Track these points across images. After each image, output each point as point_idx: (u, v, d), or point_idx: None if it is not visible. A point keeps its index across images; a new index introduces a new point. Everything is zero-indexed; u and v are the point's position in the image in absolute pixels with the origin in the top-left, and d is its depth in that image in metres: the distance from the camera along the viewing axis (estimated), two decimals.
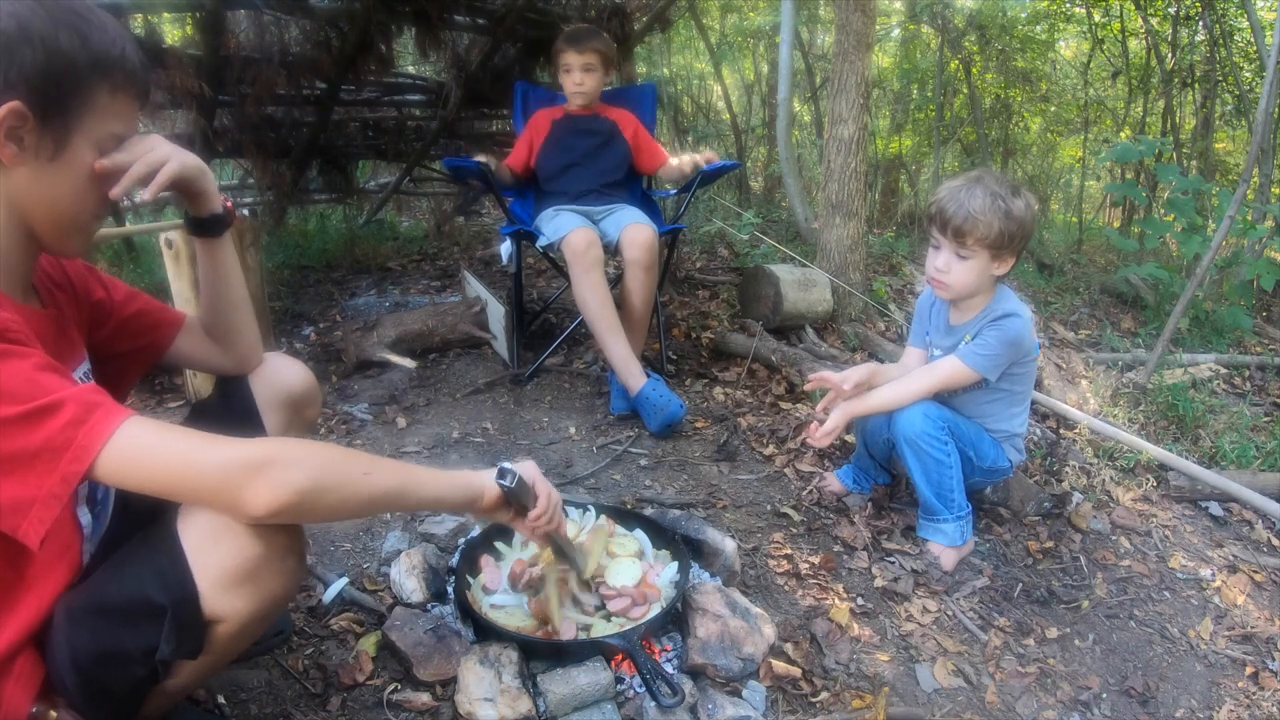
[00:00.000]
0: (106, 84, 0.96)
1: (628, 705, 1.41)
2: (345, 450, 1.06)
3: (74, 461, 0.87)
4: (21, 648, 0.98)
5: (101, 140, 0.99)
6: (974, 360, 1.91)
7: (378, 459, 1.08)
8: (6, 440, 0.85)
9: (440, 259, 4.35)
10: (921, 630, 1.78)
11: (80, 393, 0.89)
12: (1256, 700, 1.73)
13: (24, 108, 0.90)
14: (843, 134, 3.34)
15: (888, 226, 5.80)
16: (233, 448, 0.94)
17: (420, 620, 1.52)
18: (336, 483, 0.99)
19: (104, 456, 0.87)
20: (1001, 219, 1.81)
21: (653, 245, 2.58)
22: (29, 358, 0.88)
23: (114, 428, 0.89)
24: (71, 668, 0.97)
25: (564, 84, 2.99)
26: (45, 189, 0.96)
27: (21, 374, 0.87)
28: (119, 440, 0.88)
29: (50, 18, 0.91)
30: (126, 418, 0.90)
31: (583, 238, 2.54)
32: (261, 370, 1.39)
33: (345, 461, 1.03)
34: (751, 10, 7.03)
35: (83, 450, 0.87)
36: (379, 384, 2.74)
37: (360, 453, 1.07)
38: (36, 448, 0.86)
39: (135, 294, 1.27)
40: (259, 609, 1.03)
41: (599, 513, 1.82)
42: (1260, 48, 4.46)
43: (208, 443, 0.94)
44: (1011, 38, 6.19)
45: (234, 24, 3.26)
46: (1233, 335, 4.05)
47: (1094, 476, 2.45)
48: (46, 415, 0.86)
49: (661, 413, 2.42)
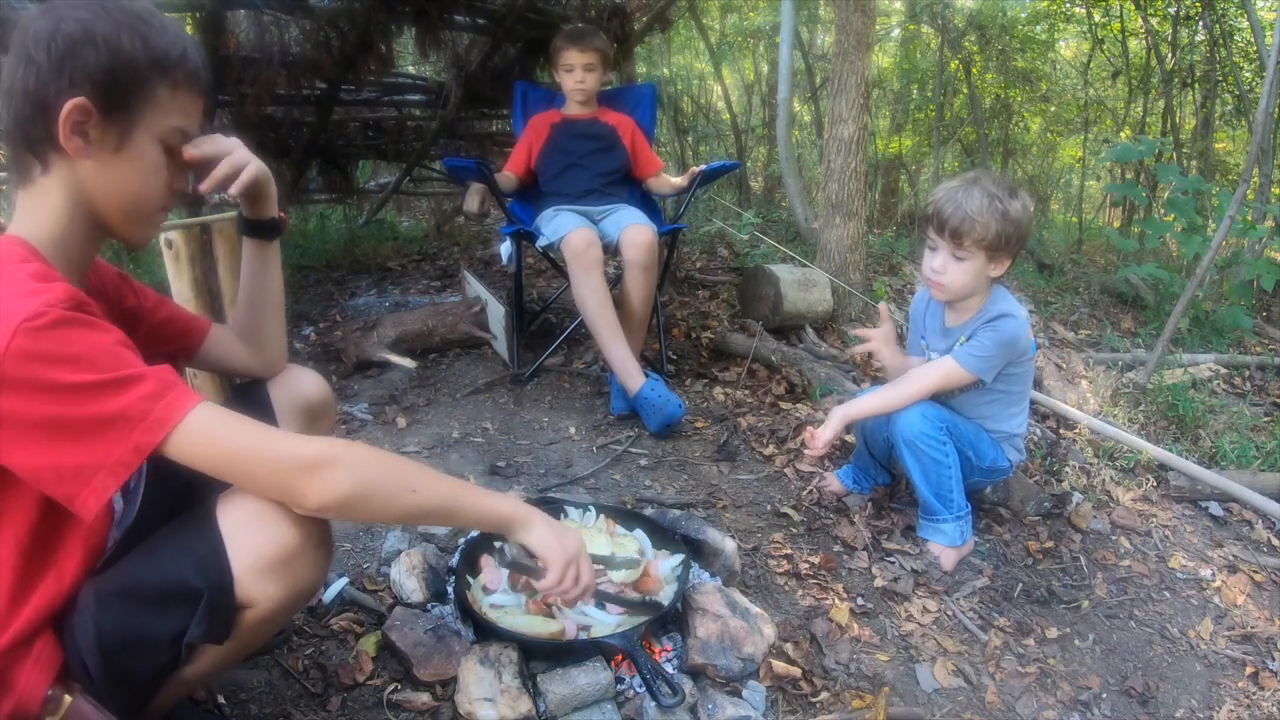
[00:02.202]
0: (167, 81, 1.02)
1: (628, 705, 1.41)
2: (403, 463, 1.10)
3: (149, 432, 0.91)
4: (41, 629, 1.00)
5: (165, 134, 1.05)
6: (969, 361, 1.91)
7: (431, 477, 1.11)
8: (82, 405, 0.88)
9: (440, 259, 4.35)
10: (921, 630, 1.78)
11: (159, 371, 0.94)
12: (1256, 700, 1.73)
13: (88, 103, 0.97)
14: (843, 134, 3.34)
15: (888, 226, 5.81)
16: (297, 442, 1.01)
17: (420, 620, 1.51)
18: (384, 493, 1.05)
19: (177, 432, 0.92)
20: (999, 220, 1.81)
21: (652, 245, 2.58)
22: (110, 333, 0.93)
23: (190, 406, 0.94)
24: (97, 650, 0.99)
25: (564, 82, 2.99)
26: (111, 180, 1.03)
27: (103, 346, 0.91)
28: (193, 419, 0.93)
29: (113, 21, 0.98)
30: (200, 400, 0.95)
31: (582, 238, 2.54)
32: (281, 379, 1.42)
33: (398, 475, 1.07)
34: (751, 10, 7.03)
35: (158, 423, 0.91)
36: (379, 384, 2.74)
37: (420, 468, 1.11)
38: (111, 415, 0.89)
39: (164, 301, 1.31)
40: (288, 597, 1.06)
41: (599, 513, 1.82)
42: (1260, 48, 4.46)
43: (274, 434, 1.00)
44: (1011, 38, 6.19)
45: (234, 24, 3.26)
46: (1233, 335, 4.05)
47: (1094, 476, 2.45)
48: (126, 386, 0.90)
49: (660, 413, 2.42)
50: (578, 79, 2.95)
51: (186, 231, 2.40)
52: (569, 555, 1.22)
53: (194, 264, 2.37)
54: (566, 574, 1.22)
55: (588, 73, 2.94)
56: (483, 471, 2.21)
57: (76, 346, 0.89)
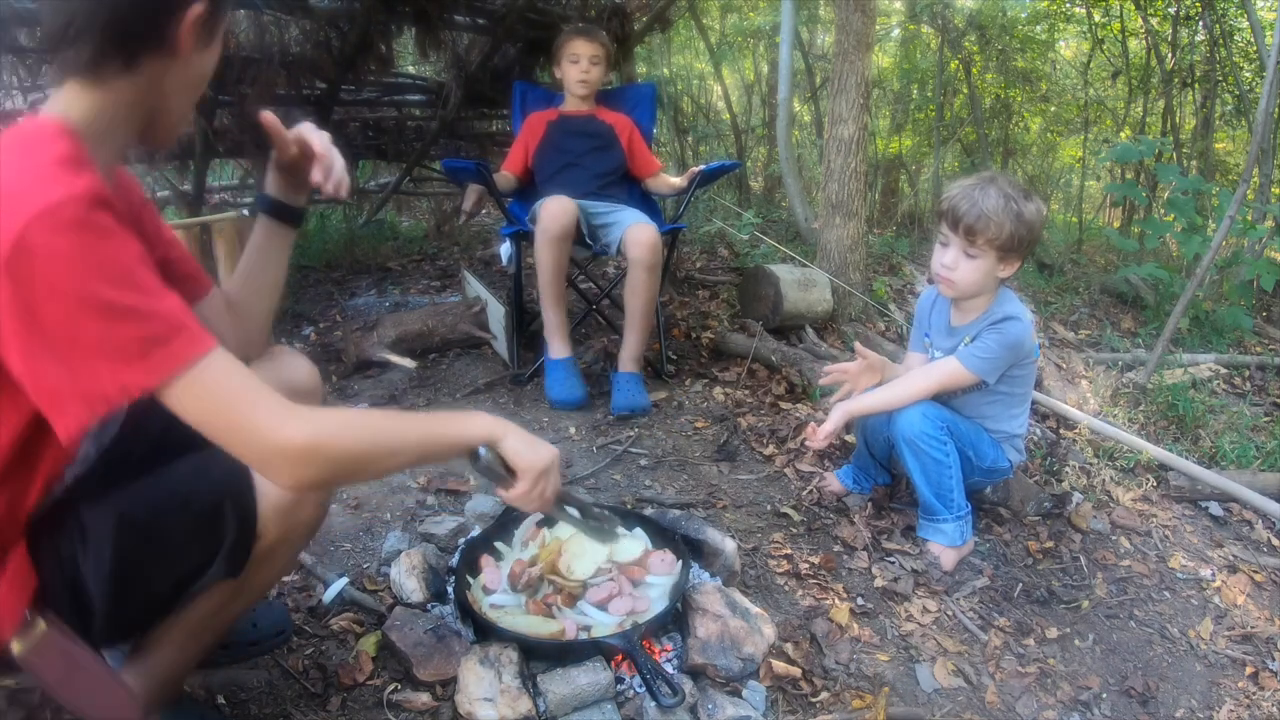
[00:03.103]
0: None
1: (628, 705, 1.41)
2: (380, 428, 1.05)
3: (141, 375, 0.85)
4: (12, 540, 0.97)
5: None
6: (973, 363, 1.91)
7: (405, 430, 1.08)
8: (80, 323, 0.82)
9: (440, 259, 4.35)
10: (921, 630, 1.77)
11: (171, 306, 0.89)
12: (1256, 700, 1.73)
13: (207, 4, 0.98)
14: (843, 134, 3.34)
15: (888, 226, 5.80)
16: (288, 427, 0.92)
17: (420, 620, 1.52)
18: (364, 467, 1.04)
19: (172, 382, 0.87)
20: (1013, 221, 1.82)
21: (656, 245, 2.58)
22: (129, 246, 0.88)
23: (191, 358, 0.88)
24: (110, 579, 0.98)
25: (568, 74, 2.99)
26: (189, 76, 1.03)
27: (120, 261, 0.86)
28: (191, 374, 0.88)
29: None
30: (207, 351, 0.90)
31: (559, 204, 2.56)
32: (270, 361, 1.39)
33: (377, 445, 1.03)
34: (751, 10, 7.02)
35: (153, 369, 0.86)
36: (379, 384, 2.74)
37: (395, 424, 1.08)
38: (108, 345, 0.84)
39: (178, 241, 1.28)
40: (288, 535, 1.09)
41: None
42: (1260, 48, 4.46)
43: (266, 408, 0.92)
44: (1011, 38, 6.18)
45: (234, 24, 3.26)
46: (1233, 335, 4.05)
47: (1094, 476, 2.45)
48: (132, 317, 0.85)
49: (557, 389, 2.60)
50: (583, 69, 2.95)
51: (186, 232, 2.40)
52: (540, 467, 1.20)
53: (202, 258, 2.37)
54: (535, 487, 1.21)
55: (593, 65, 2.95)
56: None
57: (91, 256, 0.83)
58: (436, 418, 1.13)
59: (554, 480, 1.23)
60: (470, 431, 1.14)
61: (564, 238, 2.57)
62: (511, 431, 1.18)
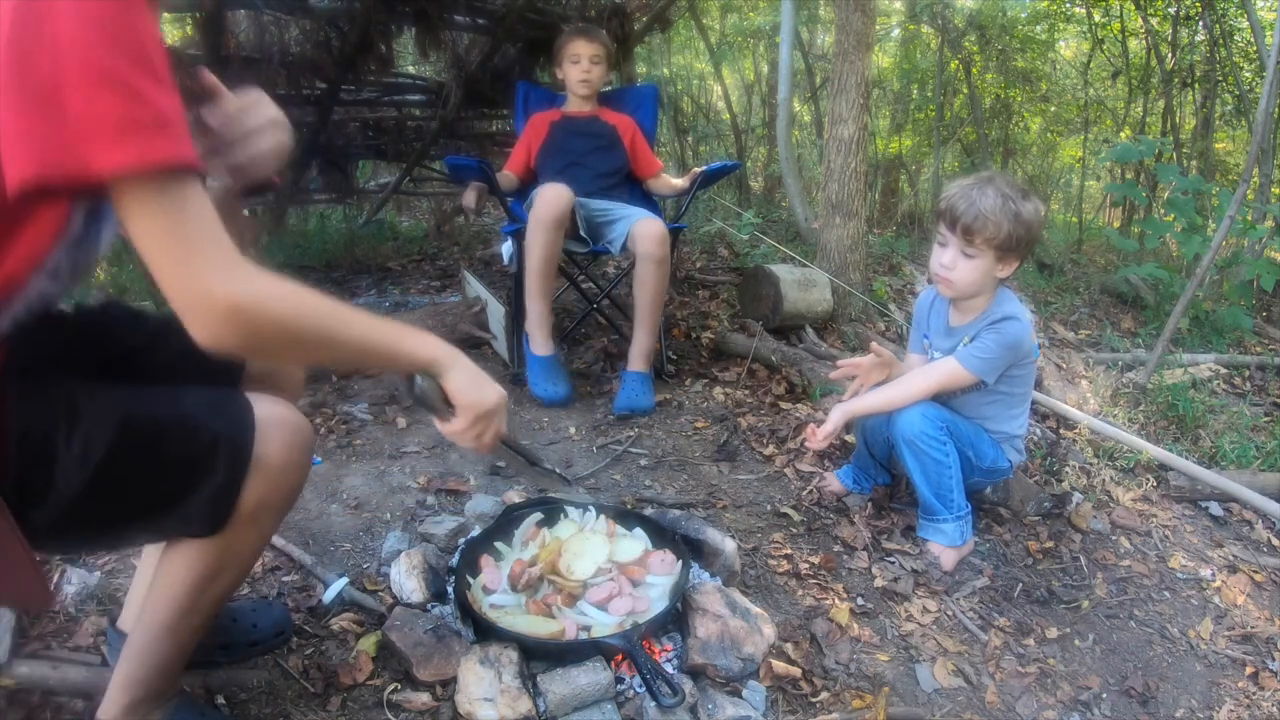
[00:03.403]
0: None
1: (628, 705, 1.41)
2: (325, 313, 0.96)
3: (108, 154, 0.77)
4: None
5: None
6: (972, 363, 1.91)
7: (352, 323, 1.00)
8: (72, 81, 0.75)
9: (440, 259, 4.35)
10: (921, 630, 1.78)
11: (169, 106, 0.81)
12: (1256, 700, 1.73)
13: None
14: (843, 134, 3.34)
15: (888, 226, 5.80)
16: (223, 279, 0.85)
17: (420, 620, 1.51)
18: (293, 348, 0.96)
19: (134, 180, 0.79)
20: (1011, 221, 1.82)
21: (664, 239, 2.59)
22: (152, 27, 0.81)
23: (168, 160, 0.81)
24: (93, 467, 0.93)
25: (569, 75, 2.99)
26: None
27: (139, 37, 0.79)
28: (160, 180, 0.80)
29: None
30: (186, 164, 0.82)
31: (555, 190, 2.55)
32: None
33: (314, 329, 0.95)
34: (751, 10, 7.02)
35: (123, 154, 0.78)
36: (379, 384, 2.74)
37: (343, 315, 0.99)
38: (89, 113, 0.76)
39: None
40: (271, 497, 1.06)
41: (599, 513, 1.82)
42: (1260, 48, 4.46)
43: (216, 255, 0.85)
44: (1011, 38, 6.18)
45: (234, 24, 3.26)
46: (1233, 335, 4.05)
47: (1094, 476, 2.45)
48: (125, 95, 0.77)
49: (540, 385, 2.62)
50: (584, 69, 2.95)
51: None
52: (482, 410, 1.13)
53: None
54: (474, 427, 1.14)
55: (594, 64, 2.96)
56: (483, 471, 2.21)
57: (111, 22, 0.77)
58: (389, 326, 1.05)
59: (497, 425, 1.17)
60: (416, 353, 1.08)
61: (557, 224, 2.55)
62: (460, 365, 1.11)
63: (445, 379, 1.11)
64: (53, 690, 1.34)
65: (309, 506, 1.96)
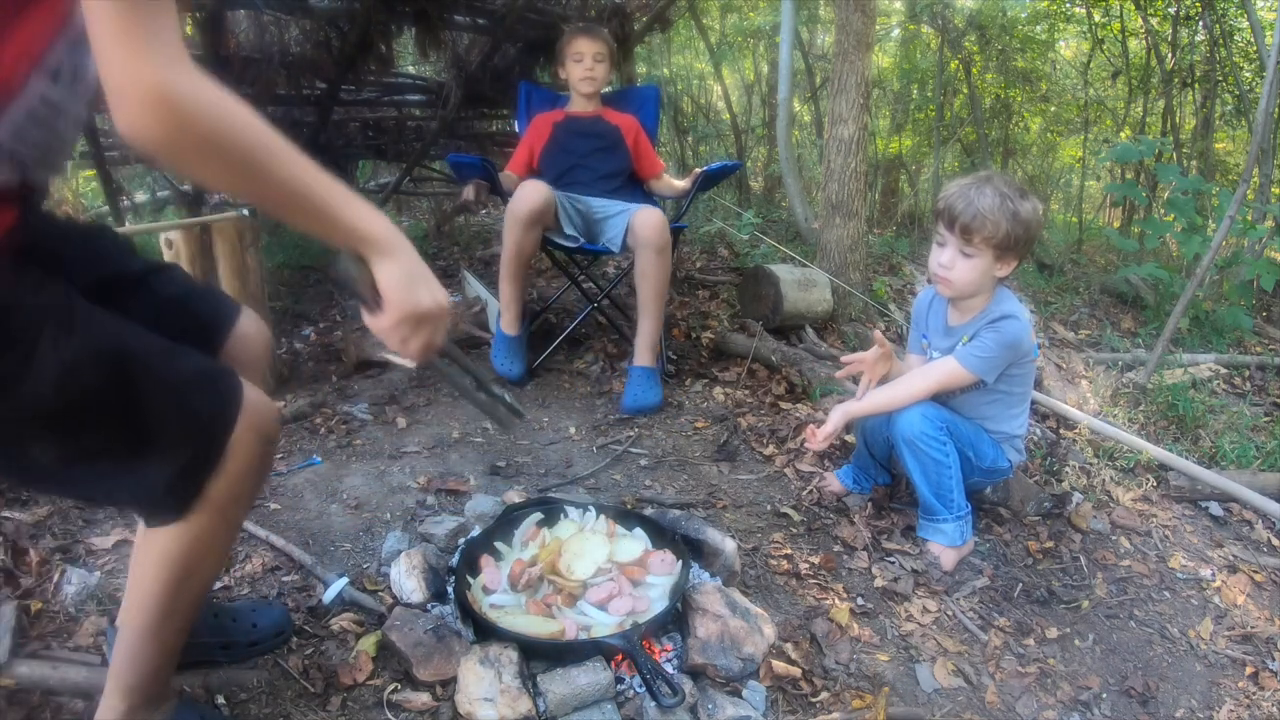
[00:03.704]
0: None
1: (628, 705, 1.41)
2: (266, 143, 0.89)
3: None
4: None
5: None
6: (971, 362, 1.91)
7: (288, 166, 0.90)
8: None
9: (440, 259, 4.35)
10: (921, 630, 1.78)
11: None
12: (1256, 700, 1.73)
13: None
14: (843, 134, 3.34)
15: (888, 226, 5.80)
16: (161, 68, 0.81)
17: (420, 620, 1.52)
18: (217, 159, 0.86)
19: None
20: (1009, 220, 1.82)
21: (664, 227, 2.58)
22: None
23: None
24: (70, 388, 0.90)
25: (572, 73, 2.99)
26: None
27: None
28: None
29: None
30: None
31: (533, 187, 2.56)
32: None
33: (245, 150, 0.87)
34: (751, 10, 7.02)
35: None
36: (379, 384, 2.74)
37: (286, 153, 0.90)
38: None
39: None
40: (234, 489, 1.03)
41: (599, 513, 1.82)
42: (1260, 48, 4.46)
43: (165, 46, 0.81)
44: (1011, 38, 6.18)
45: (234, 24, 3.27)
46: (1233, 335, 4.05)
47: (1094, 476, 2.45)
48: None
49: (499, 360, 2.74)
50: (587, 67, 2.95)
51: (187, 231, 2.40)
52: (409, 311, 1.00)
53: (194, 264, 2.37)
54: (399, 329, 1.01)
55: (597, 63, 2.95)
56: (483, 471, 2.21)
57: None
58: (334, 186, 0.94)
59: (428, 334, 1.04)
60: (356, 225, 0.96)
61: (530, 223, 2.55)
62: (400, 257, 0.99)
63: (377, 267, 0.98)
64: (53, 690, 1.34)
65: (309, 506, 1.96)
